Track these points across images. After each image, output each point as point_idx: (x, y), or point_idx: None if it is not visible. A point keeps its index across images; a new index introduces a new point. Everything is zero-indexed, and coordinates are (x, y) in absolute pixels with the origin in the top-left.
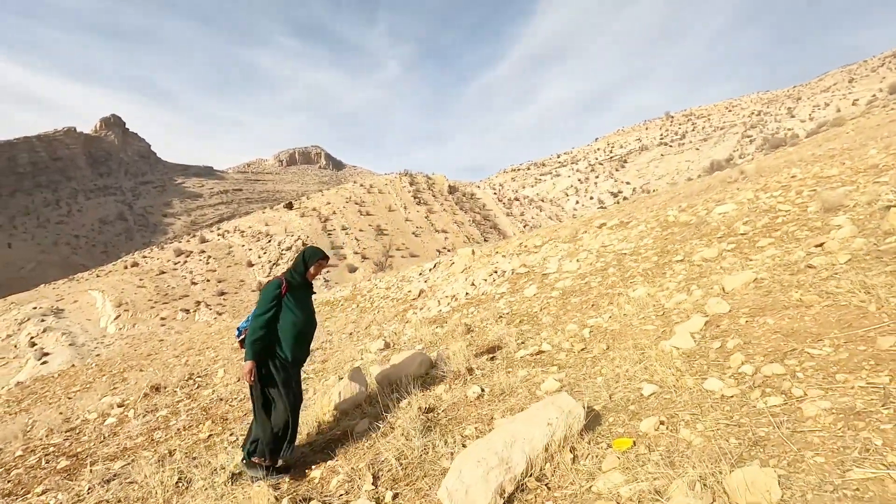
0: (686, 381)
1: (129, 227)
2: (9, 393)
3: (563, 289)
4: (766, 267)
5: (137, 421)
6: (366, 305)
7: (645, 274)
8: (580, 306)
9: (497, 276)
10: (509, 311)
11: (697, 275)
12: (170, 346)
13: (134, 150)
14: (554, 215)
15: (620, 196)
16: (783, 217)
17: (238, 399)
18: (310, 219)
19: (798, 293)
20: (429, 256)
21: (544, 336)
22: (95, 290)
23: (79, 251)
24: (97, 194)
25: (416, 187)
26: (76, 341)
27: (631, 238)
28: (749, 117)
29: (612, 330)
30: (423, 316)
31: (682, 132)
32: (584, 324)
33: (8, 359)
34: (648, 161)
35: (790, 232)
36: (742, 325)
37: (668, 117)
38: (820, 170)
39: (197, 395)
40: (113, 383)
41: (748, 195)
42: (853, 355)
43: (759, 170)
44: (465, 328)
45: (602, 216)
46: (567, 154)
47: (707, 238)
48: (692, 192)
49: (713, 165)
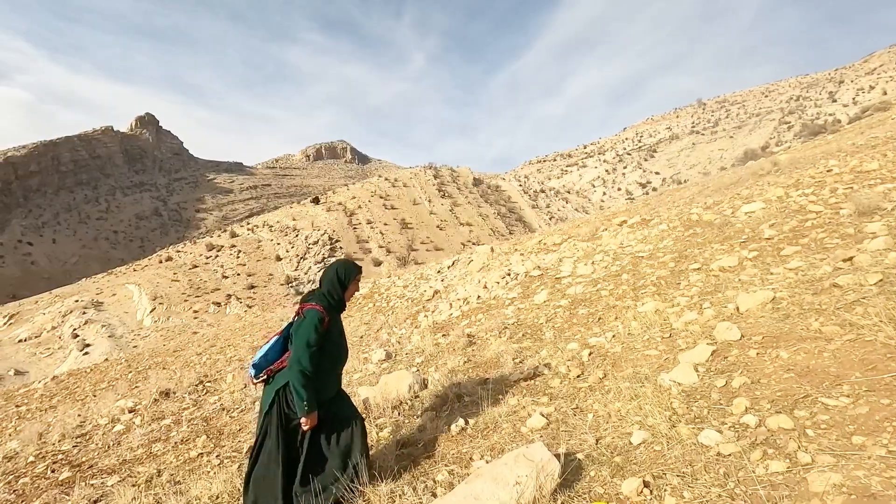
0: (680, 431)
1: (164, 223)
2: (45, 387)
3: (573, 297)
4: (788, 283)
5: (142, 430)
6: (382, 305)
7: (658, 283)
8: (586, 319)
9: (510, 279)
10: (515, 322)
11: (713, 288)
12: (196, 343)
13: (167, 147)
14: (580, 207)
15: (649, 187)
16: (813, 220)
17: (239, 410)
18: (336, 213)
19: (818, 321)
20: (453, 250)
21: (543, 356)
22: (132, 284)
23: (117, 246)
24: (133, 191)
25: (441, 180)
26: (115, 333)
27: (651, 238)
28: (787, 102)
29: (612, 353)
30: (433, 320)
31: (714, 119)
32: (586, 343)
33: (53, 349)
34: (679, 150)
35: (819, 239)
36: (752, 359)
37: (700, 104)
38: (859, 163)
39: (203, 402)
40: (135, 381)
41: (778, 192)
42: (874, 410)
43: (793, 161)
44: (468, 340)
45: (624, 212)
46: (594, 144)
47: (729, 242)
48: (721, 186)
49: (747, 154)
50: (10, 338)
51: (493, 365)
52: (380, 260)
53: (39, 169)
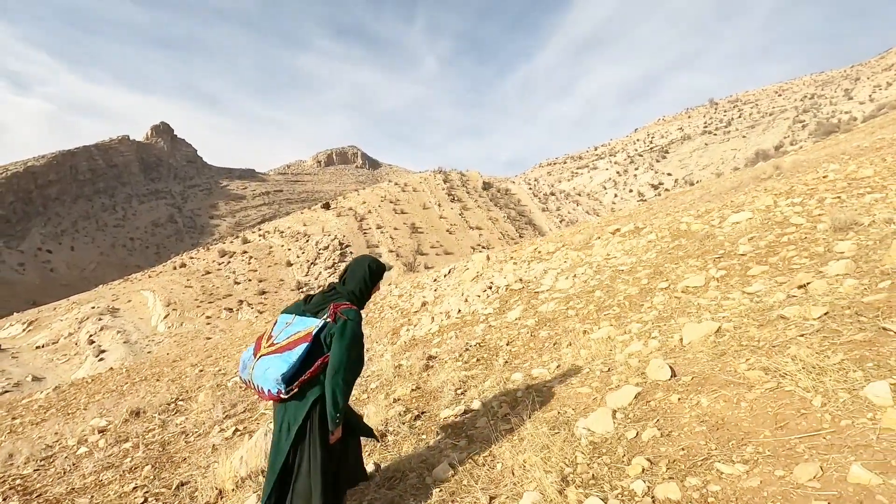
0: (569, 496)
1: (179, 229)
2: (46, 398)
3: (542, 315)
4: (739, 312)
5: (101, 454)
6: (373, 316)
7: (622, 305)
8: (542, 344)
9: (490, 293)
10: (478, 343)
11: (670, 312)
12: (195, 352)
13: (182, 155)
14: (591, 209)
15: (661, 188)
16: (791, 235)
17: (197, 434)
18: (346, 218)
19: (748, 362)
20: (463, 253)
21: (484, 387)
22: (147, 291)
23: (134, 253)
24: (149, 198)
25: (450, 184)
26: (129, 339)
27: (636, 250)
28: (801, 101)
29: (548, 388)
30: (413, 335)
31: (727, 119)
32: (529, 374)
33: (70, 355)
34: (691, 151)
35: (788, 258)
36: (672, 406)
37: (712, 104)
38: (856, 168)
39: (170, 423)
40: (125, 395)
41: (768, 201)
42: (765, 483)
43: (795, 165)
44: (426, 364)
45: (623, 218)
46: (605, 146)
47: (704, 258)
48: (722, 190)
49: (758, 155)
50: (29, 344)
51: (436, 396)
52: (390, 264)
53: (58, 178)
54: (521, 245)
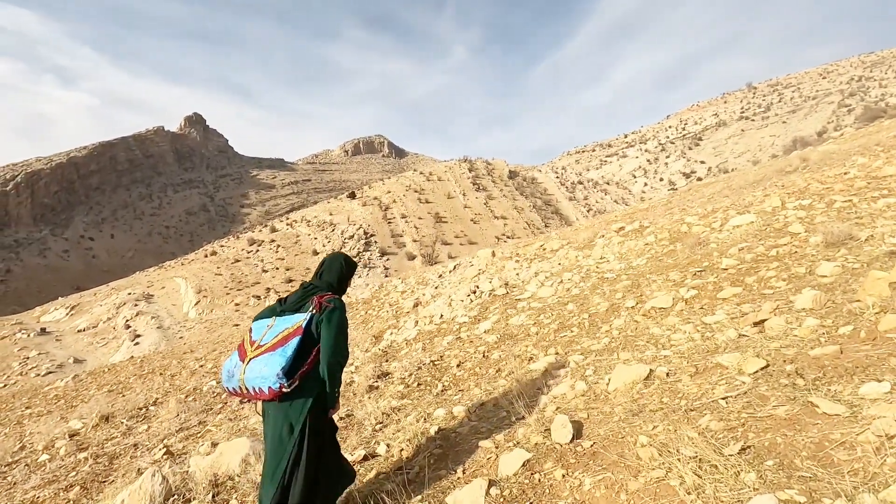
0: None
1: (212, 218)
2: (65, 387)
3: (507, 331)
4: (683, 351)
5: (55, 464)
6: (370, 314)
7: (583, 325)
8: (488, 370)
9: (474, 298)
10: (434, 360)
11: (621, 341)
12: (209, 343)
13: (214, 145)
14: (620, 199)
15: (694, 177)
16: (781, 248)
17: (147, 447)
18: (371, 208)
19: (653, 430)
20: (487, 243)
21: (401, 426)
22: (179, 278)
23: (169, 240)
24: (183, 188)
25: (476, 173)
26: (163, 324)
27: (630, 254)
28: (847, 84)
29: (455, 435)
30: (393, 339)
31: (766, 104)
32: (451, 411)
33: (108, 339)
34: (727, 137)
35: (766, 279)
36: (553, 484)
37: (750, 88)
38: (881, 165)
39: (133, 430)
40: (124, 390)
41: (775, 202)
42: None
43: (824, 157)
44: (372, 385)
45: (625, 218)
46: (635, 133)
47: (685, 272)
48: (743, 184)
49: (795, 142)
50: (72, 328)
51: (357, 428)
52: (413, 254)
53: (99, 168)
54: (530, 241)
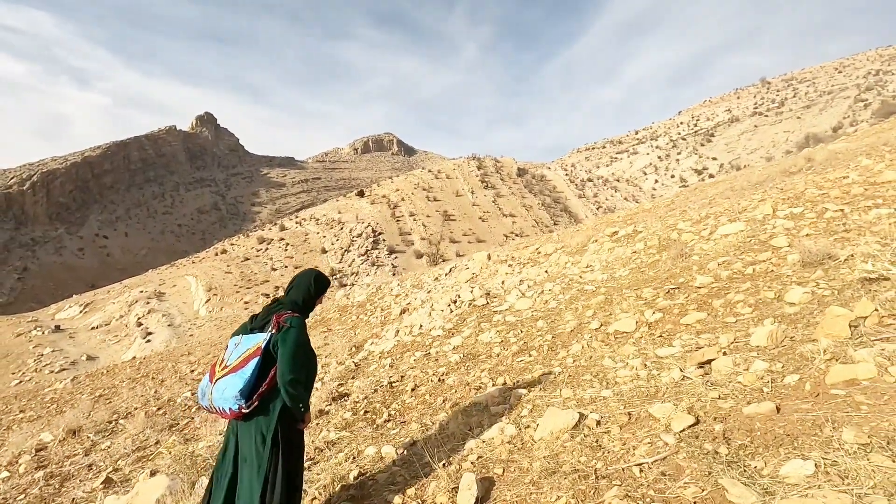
0: None
1: (223, 216)
2: (63, 389)
3: (471, 350)
4: (623, 393)
5: (9, 485)
6: (361, 319)
7: (541, 349)
8: (437, 398)
9: (454, 308)
10: (392, 381)
11: (570, 373)
12: (205, 346)
13: (225, 144)
14: (630, 196)
15: (706, 173)
16: (758, 266)
17: (96, 470)
18: (379, 206)
19: (559, 500)
20: (496, 241)
21: (331, 465)
22: (190, 276)
23: (181, 239)
24: (195, 186)
25: (484, 171)
26: (173, 322)
27: (615, 263)
28: (864, 78)
29: (371, 482)
30: (367, 353)
31: (780, 99)
32: (380, 451)
33: (121, 336)
34: (739, 134)
35: (733, 303)
36: None
37: (763, 83)
38: (883, 168)
39: (96, 447)
40: (112, 395)
41: (766, 210)
42: None
43: (830, 157)
44: (321, 409)
45: (624, 221)
46: (646, 130)
47: (659, 289)
48: (746, 185)
49: (808, 139)
50: (85, 325)
51: None
52: (421, 252)
53: (112, 167)
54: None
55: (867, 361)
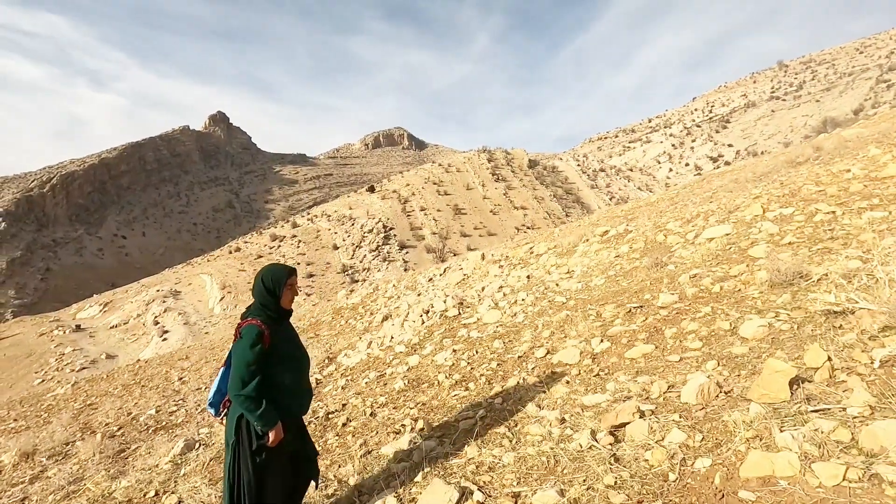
0: None
1: (237, 214)
2: (63, 395)
3: (417, 375)
4: (525, 459)
5: None
6: (349, 324)
7: (479, 381)
8: (361, 439)
9: (426, 318)
10: (339, 408)
11: (488, 423)
12: (202, 350)
13: (238, 142)
14: (644, 185)
15: (721, 161)
16: (727, 283)
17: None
18: (390, 201)
19: None
20: (507, 234)
21: None
22: (205, 274)
23: (197, 237)
24: (209, 185)
25: (495, 164)
26: (189, 320)
27: (594, 270)
28: (887, 58)
29: None
30: (339, 364)
31: (798, 83)
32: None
33: (138, 335)
34: (756, 119)
35: (685, 333)
36: None
37: (780, 66)
38: (888, 161)
39: (41, 476)
40: (96, 406)
41: (756, 210)
42: None
43: (838, 146)
44: None
45: (622, 217)
46: (660, 118)
47: (621, 307)
48: (751, 177)
49: (826, 123)
50: (105, 324)
51: None
52: (432, 247)
53: (129, 168)
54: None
55: (790, 450)
